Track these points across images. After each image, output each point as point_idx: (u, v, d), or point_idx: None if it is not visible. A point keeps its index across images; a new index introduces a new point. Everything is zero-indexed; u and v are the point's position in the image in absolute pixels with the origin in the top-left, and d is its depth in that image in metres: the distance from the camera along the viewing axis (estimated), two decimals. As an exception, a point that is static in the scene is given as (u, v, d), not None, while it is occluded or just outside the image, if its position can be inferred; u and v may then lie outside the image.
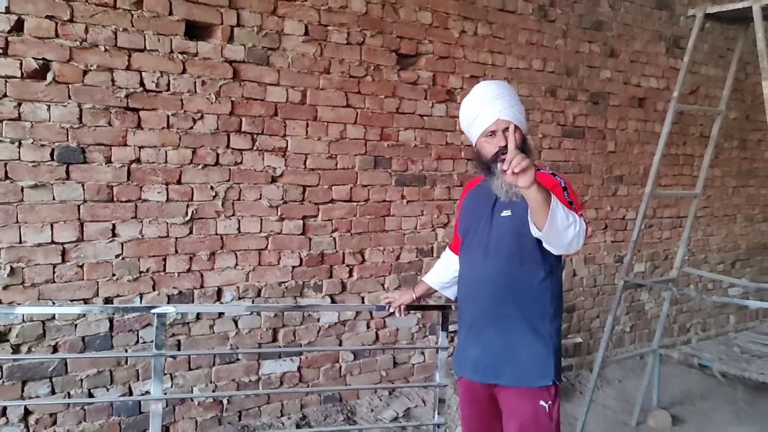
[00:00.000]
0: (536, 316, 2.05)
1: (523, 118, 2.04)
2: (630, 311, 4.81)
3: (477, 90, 2.08)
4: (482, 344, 2.11)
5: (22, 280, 2.61)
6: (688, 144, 5.00)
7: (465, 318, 2.19)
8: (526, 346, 2.04)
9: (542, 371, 2.03)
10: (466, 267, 2.19)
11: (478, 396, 2.18)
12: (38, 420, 2.69)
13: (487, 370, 2.10)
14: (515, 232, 2.00)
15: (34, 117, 2.58)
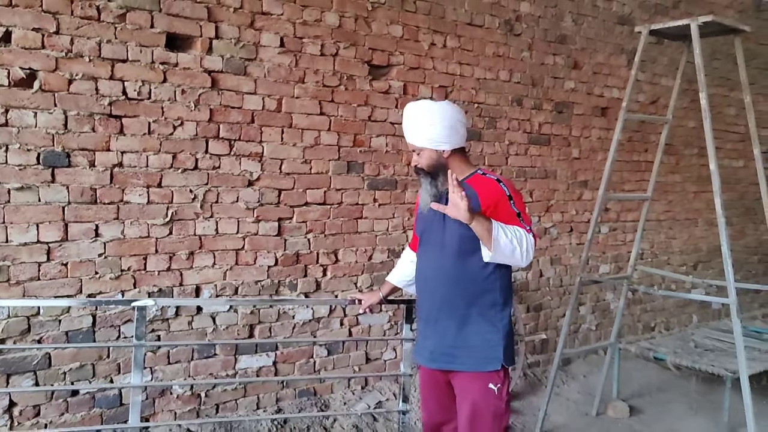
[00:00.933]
0: (486, 306, 2.24)
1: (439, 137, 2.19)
2: (595, 310, 5.03)
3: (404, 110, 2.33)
4: (438, 334, 2.29)
5: (7, 278, 2.74)
6: (650, 151, 5.25)
7: (422, 310, 2.38)
8: (478, 334, 2.23)
9: (492, 357, 2.21)
10: (422, 262, 2.38)
11: (437, 381, 2.36)
12: (22, 411, 2.82)
13: (442, 357, 2.29)
14: (463, 233, 2.18)
15: (21, 123, 2.73)
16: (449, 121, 2.22)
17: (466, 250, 2.20)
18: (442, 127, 2.20)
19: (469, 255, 2.20)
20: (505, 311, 2.27)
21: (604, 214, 5.00)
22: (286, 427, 3.32)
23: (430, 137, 2.21)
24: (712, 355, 3.94)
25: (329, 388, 3.70)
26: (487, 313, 2.23)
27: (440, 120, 2.21)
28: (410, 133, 2.27)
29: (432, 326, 2.31)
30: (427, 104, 2.29)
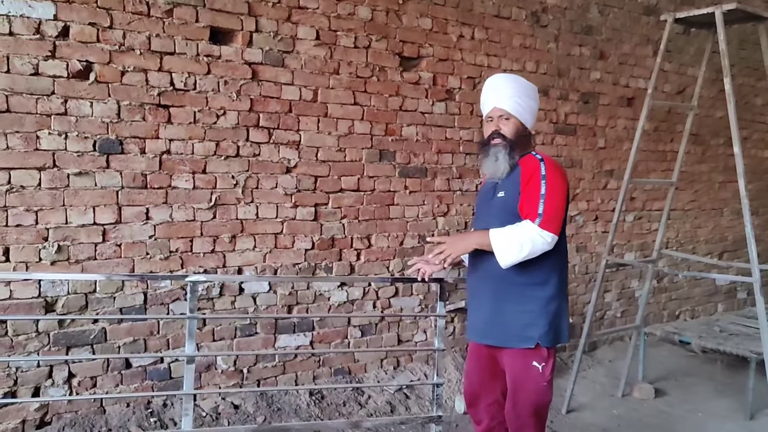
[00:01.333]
0: (524, 284, 2.26)
1: (524, 109, 2.28)
2: (621, 297, 5.11)
3: (488, 79, 2.41)
4: (478, 307, 2.39)
5: (67, 257, 2.94)
6: (675, 141, 5.30)
7: (468, 283, 2.49)
8: (513, 312, 2.27)
9: (525, 335, 2.24)
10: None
11: (481, 354, 2.45)
12: (80, 382, 3.02)
13: (478, 331, 2.39)
14: (507, 210, 2.26)
15: (79, 112, 2.92)
16: (537, 103, 2.36)
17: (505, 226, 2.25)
18: (535, 105, 2.34)
19: None
20: (547, 289, 2.27)
21: (630, 203, 5.07)
22: (324, 402, 3.48)
23: (524, 108, 2.29)
24: (737, 339, 4.00)
25: (363, 367, 3.85)
26: (524, 291, 2.26)
27: (535, 100, 2.34)
28: (504, 98, 2.28)
29: (475, 300, 2.41)
30: (522, 79, 2.37)
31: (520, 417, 2.33)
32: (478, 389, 2.50)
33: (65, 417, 2.98)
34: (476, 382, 2.50)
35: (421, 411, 3.57)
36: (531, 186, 2.22)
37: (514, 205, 2.25)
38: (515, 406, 2.32)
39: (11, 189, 2.79)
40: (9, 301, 2.83)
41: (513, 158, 2.28)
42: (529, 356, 2.27)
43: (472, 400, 2.53)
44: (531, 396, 2.29)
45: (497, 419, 2.50)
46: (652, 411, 3.81)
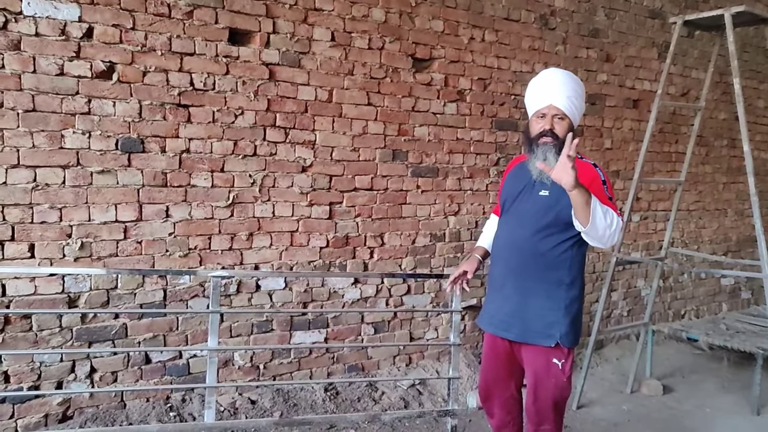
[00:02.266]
0: (552, 283, 2.28)
1: (576, 110, 2.27)
2: (627, 296, 5.17)
3: (545, 72, 2.35)
4: (500, 301, 2.40)
5: (90, 253, 2.99)
6: (680, 142, 5.37)
7: (492, 275, 2.48)
8: (537, 309, 2.29)
9: (547, 332, 2.27)
10: (501, 230, 2.46)
11: (497, 348, 2.47)
12: (102, 377, 3.07)
13: (499, 323, 2.40)
14: (548, 210, 2.25)
15: (102, 111, 2.98)
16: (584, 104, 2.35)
17: (544, 226, 2.26)
18: (583, 107, 2.33)
19: (546, 231, 2.25)
20: (572, 291, 2.29)
21: (636, 203, 5.13)
22: (339, 398, 3.53)
23: (577, 108, 2.27)
24: (744, 336, 4.07)
25: (376, 364, 3.90)
26: (551, 290, 2.28)
27: (583, 99, 2.33)
28: (561, 97, 2.23)
29: (497, 292, 2.42)
30: (579, 79, 2.34)
31: (541, 412, 2.37)
32: (494, 383, 2.52)
33: (87, 411, 3.03)
34: (492, 376, 2.52)
35: (434, 406, 3.62)
36: (595, 191, 2.14)
37: (559, 207, 2.22)
38: (536, 402, 2.36)
39: (36, 186, 2.85)
40: (33, 296, 2.88)
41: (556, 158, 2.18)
42: (550, 353, 2.30)
43: (487, 394, 2.55)
44: (552, 391, 2.33)
45: (512, 414, 2.54)
46: (661, 407, 3.87)
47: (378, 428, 3.33)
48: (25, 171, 2.82)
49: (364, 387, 3.68)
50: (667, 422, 3.65)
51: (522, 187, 2.38)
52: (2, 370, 2.84)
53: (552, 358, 2.30)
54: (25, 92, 2.79)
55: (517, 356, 2.44)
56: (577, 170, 1.98)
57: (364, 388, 3.66)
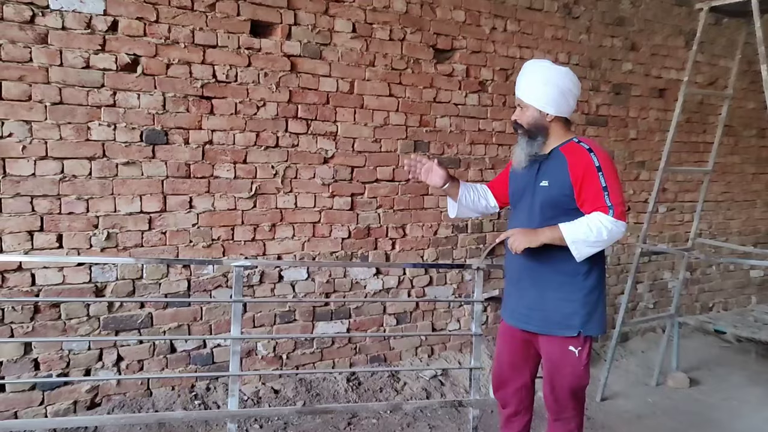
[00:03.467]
0: (568, 273, 2.28)
1: (542, 97, 2.23)
2: (653, 289, 5.10)
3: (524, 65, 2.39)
4: (519, 294, 2.41)
5: (116, 244, 3.05)
6: (708, 132, 5.27)
7: (509, 269, 2.49)
8: (555, 300, 2.29)
9: (567, 323, 2.27)
10: (511, 224, 2.45)
11: (514, 338, 2.47)
12: (128, 365, 3.12)
13: (520, 317, 2.40)
14: (551, 200, 2.26)
15: (127, 104, 3.02)
16: (562, 88, 2.25)
17: (552, 216, 2.25)
18: (554, 90, 2.24)
19: (554, 220, 2.24)
20: (589, 280, 2.29)
21: (662, 194, 5.05)
22: (361, 388, 3.55)
23: (538, 96, 2.25)
24: (773, 328, 3.99)
25: (398, 355, 3.91)
26: (568, 280, 2.28)
27: (555, 83, 2.24)
28: (521, 88, 2.31)
29: (515, 285, 2.43)
30: (546, 64, 2.31)
31: (559, 400, 2.36)
32: (508, 373, 2.52)
33: (114, 398, 3.09)
34: (506, 366, 2.52)
35: (456, 397, 3.62)
36: (588, 180, 2.18)
37: (558, 196, 2.24)
38: (553, 390, 2.36)
39: (64, 178, 2.90)
40: (62, 286, 2.94)
41: (533, 146, 2.29)
42: (566, 342, 2.29)
43: (501, 383, 2.55)
44: (568, 379, 2.32)
45: (524, 404, 2.54)
46: (687, 399, 3.81)
47: (400, 418, 3.33)
48: (53, 163, 2.87)
49: (386, 377, 3.69)
50: (693, 415, 3.60)
51: (526, 180, 2.38)
52: (32, 357, 2.91)
53: (568, 346, 2.29)
54: (53, 85, 2.84)
55: (534, 346, 2.44)
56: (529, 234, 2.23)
57: (386, 379, 3.67)
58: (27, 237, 2.85)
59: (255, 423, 3.17)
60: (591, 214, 2.18)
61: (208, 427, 3.06)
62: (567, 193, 2.23)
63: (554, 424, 2.42)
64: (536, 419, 2.70)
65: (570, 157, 2.24)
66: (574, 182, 2.20)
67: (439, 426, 3.29)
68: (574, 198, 2.22)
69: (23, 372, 2.88)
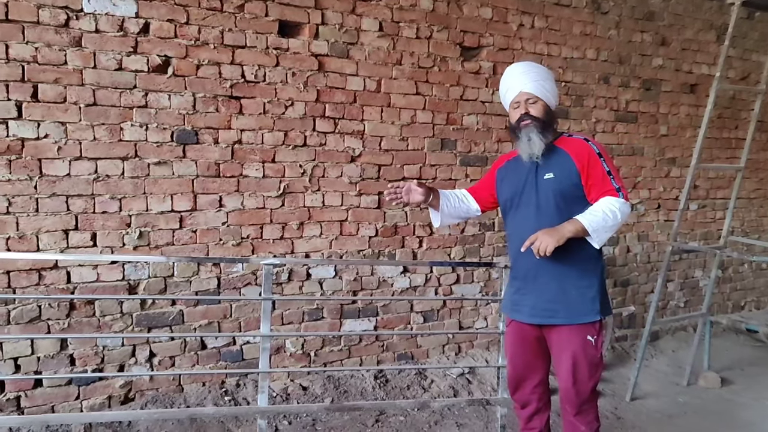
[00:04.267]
0: (584, 259, 2.34)
1: (548, 92, 2.38)
2: (684, 287, 5.02)
3: (509, 68, 2.49)
4: (538, 290, 2.39)
5: (148, 242, 3.10)
6: (740, 128, 5.16)
7: (519, 268, 2.47)
8: (576, 288, 2.34)
9: (590, 309, 2.33)
10: (517, 224, 2.46)
11: (526, 337, 2.47)
12: (161, 361, 3.18)
13: (544, 312, 2.38)
14: (559, 191, 2.32)
15: (158, 105, 3.07)
16: (554, 84, 2.45)
17: (563, 208, 2.31)
18: (555, 88, 2.44)
19: (566, 212, 2.30)
20: (600, 261, 2.39)
21: (693, 192, 4.97)
22: (388, 386, 3.56)
23: (548, 89, 2.38)
24: (809, 328, 3.90)
25: (425, 353, 3.92)
26: (584, 265, 2.34)
27: (551, 80, 2.43)
28: (528, 82, 2.37)
29: (531, 283, 2.41)
30: (536, 63, 2.50)
31: (581, 393, 2.36)
32: (524, 372, 2.51)
33: (147, 394, 3.15)
34: (521, 365, 2.52)
35: (484, 395, 3.61)
36: (593, 166, 2.31)
37: (567, 186, 2.32)
38: (576, 384, 2.35)
39: (98, 178, 2.96)
40: (96, 283, 3.00)
41: (546, 137, 2.35)
42: (584, 331, 2.33)
43: (518, 383, 2.55)
44: (589, 370, 2.34)
45: (543, 400, 2.55)
46: (718, 399, 3.75)
47: (427, 416, 3.34)
48: (87, 163, 2.94)
49: (413, 375, 3.69)
50: (724, 415, 3.54)
51: (524, 178, 2.41)
52: (68, 353, 2.97)
53: (586, 336, 2.33)
54: (87, 87, 2.90)
55: (546, 341, 2.45)
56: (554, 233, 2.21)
57: (413, 376, 3.68)
58: (63, 236, 2.92)
59: (284, 419, 3.20)
60: (601, 199, 2.28)
61: (238, 423, 3.11)
62: (575, 181, 2.32)
63: (575, 418, 2.41)
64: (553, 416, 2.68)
65: (570, 148, 2.36)
66: (580, 170, 2.31)
67: (467, 424, 3.29)
68: (581, 186, 2.32)
69: (60, 367, 2.95)
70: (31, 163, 2.83)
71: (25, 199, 2.83)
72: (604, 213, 2.23)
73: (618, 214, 2.24)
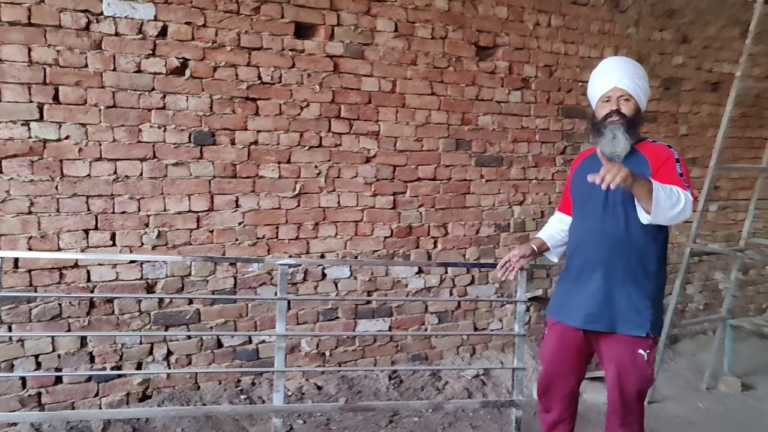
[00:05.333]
0: (640, 272, 2.26)
1: (641, 91, 2.27)
2: (704, 290, 4.94)
3: (605, 61, 2.39)
4: (587, 292, 2.32)
5: (166, 242, 3.15)
6: (765, 127, 5.07)
7: (573, 266, 2.42)
8: (627, 297, 2.25)
9: (638, 322, 2.24)
10: (581, 222, 2.41)
11: (567, 342, 2.41)
12: (177, 359, 3.23)
13: (588, 316, 2.31)
14: (627, 198, 2.21)
15: (176, 106, 3.12)
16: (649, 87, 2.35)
17: (628, 212, 2.23)
18: (648, 87, 2.33)
19: (630, 216, 2.22)
20: (658, 279, 2.29)
21: (714, 192, 4.89)
22: (402, 386, 3.57)
23: (642, 89, 2.28)
24: (834, 332, 3.82)
25: (440, 354, 3.92)
26: (639, 278, 2.25)
27: (647, 81, 2.33)
28: (625, 78, 2.27)
29: (582, 285, 2.35)
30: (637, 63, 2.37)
31: (627, 404, 2.32)
32: (557, 377, 2.47)
33: (164, 391, 3.20)
34: (555, 370, 2.47)
35: (498, 397, 3.60)
36: (666, 167, 2.19)
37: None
38: (622, 394, 2.31)
39: (117, 178, 3.02)
40: (115, 282, 3.06)
41: (632, 137, 2.24)
42: (635, 344, 2.26)
43: (547, 387, 2.50)
44: (637, 384, 2.29)
45: (570, 410, 2.50)
46: (739, 405, 3.68)
47: (441, 417, 3.34)
48: (107, 164, 2.99)
49: (427, 376, 3.70)
50: (746, 421, 3.48)
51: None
52: (88, 350, 3.04)
53: (638, 349, 2.26)
54: (107, 89, 2.96)
55: (592, 349, 2.40)
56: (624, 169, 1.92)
57: (427, 377, 3.69)
58: (83, 235, 2.98)
59: (299, 418, 3.23)
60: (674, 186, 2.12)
61: (252, 421, 3.14)
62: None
63: (619, 429, 2.36)
64: (581, 424, 2.66)
65: (650, 153, 2.26)
66: (654, 171, 2.18)
67: (481, 426, 3.28)
68: None
69: (80, 364, 3.01)
70: (53, 164, 2.90)
71: (47, 200, 2.90)
72: (671, 189, 2.05)
73: (682, 200, 2.04)
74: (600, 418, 3.25)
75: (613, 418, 2.37)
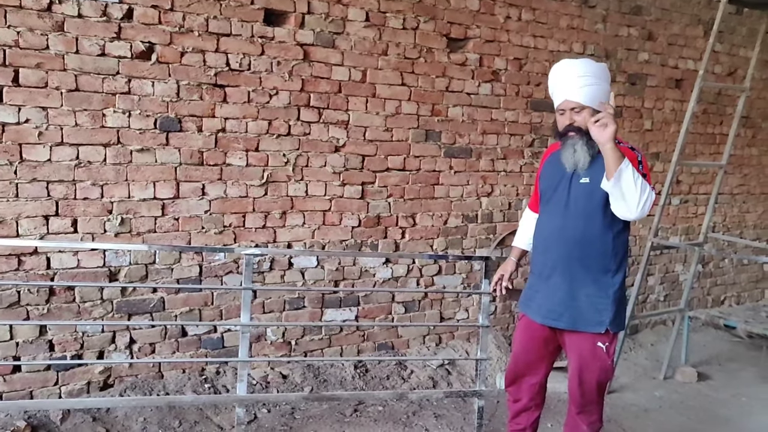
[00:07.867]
0: (600, 270, 2.31)
1: (596, 95, 2.22)
2: (664, 281, 5.08)
3: (555, 67, 2.36)
4: (548, 290, 2.39)
5: (129, 229, 3.10)
6: (725, 124, 5.20)
7: (536, 264, 2.48)
8: (586, 296, 2.31)
9: (598, 319, 2.29)
10: (544, 220, 2.47)
11: (534, 334, 2.47)
12: (140, 348, 3.19)
13: (549, 313, 2.38)
14: (590, 197, 2.26)
15: (141, 91, 3.05)
16: (608, 83, 2.29)
17: (590, 213, 2.27)
18: (607, 86, 2.28)
19: (591, 217, 2.27)
20: (617, 277, 2.32)
21: (676, 186, 5.01)
22: (368, 375, 3.60)
23: (594, 95, 2.23)
24: (785, 324, 3.96)
25: (406, 343, 3.95)
26: (599, 277, 2.30)
27: (604, 79, 2.27)
28: (573, 89, 2.24)
29: (544, 282, 2.41)
30: (590, 62, 2.31)
31: (586, 394, 2.38)
32: (523, 370, 2.53)
33: (126, 380, 3.16)
34: (522, 363, 2.53)
35: (462, 387, 3.65)
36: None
37: (597, 192, 2.23)
38: (581, 385, 2.37)
39: (79, 164, 2.95)
40: (76, 269, 3.00)
41: (592, 147, 2.24)
42: (595, 338, 2.32)
43: (515, 377, 2.56)
44: (597, 374, 2.35)
45: (535, 400, 2.56)
46: (695, 394, 3.81)
47: (406, 406, 3.37)
48: (68, 149, 2.92)
49: (393, 365, 3.73)
50: (701, 410, 3.60)
51: (561, 175, 2.37)
52: (47, 338, 2.98)
53: (597, 342, 2.32)
54: (69, 72, 2.88)
55: (558, 342, 2.46)
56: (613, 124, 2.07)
57: (393, 367, 3.71)
58: (43, 221, 2.91)
59: (263, 407, 3.23)
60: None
61: (217, 411, 3.13)
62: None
63: (578, 416, 2.43)
64: (546, 413, 2.72)
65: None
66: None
67: (445, 415, 3.33)
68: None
69: (39, 353, 2.95)
70: (12, 149, 2.81)
71: (4, 184, 2.82)
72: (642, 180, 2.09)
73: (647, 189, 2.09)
74: (560, 406, 3.33)
75: (573, 406, 2.45)
